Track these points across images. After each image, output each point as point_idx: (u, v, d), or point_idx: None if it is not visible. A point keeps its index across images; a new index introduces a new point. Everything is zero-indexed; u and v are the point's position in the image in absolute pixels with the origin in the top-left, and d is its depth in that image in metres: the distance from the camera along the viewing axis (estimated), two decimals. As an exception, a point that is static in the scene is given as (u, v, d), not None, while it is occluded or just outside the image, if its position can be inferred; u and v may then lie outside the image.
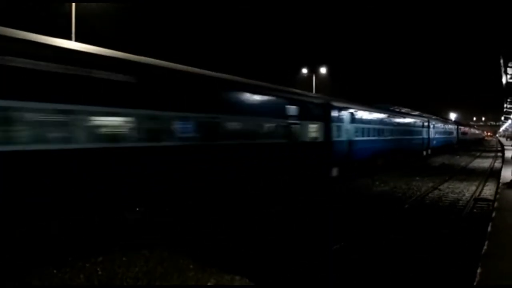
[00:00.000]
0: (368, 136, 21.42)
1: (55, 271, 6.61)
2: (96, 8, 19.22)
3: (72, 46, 8.18)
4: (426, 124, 36.85)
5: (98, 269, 6.83)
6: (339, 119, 17.97)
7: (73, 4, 18.12)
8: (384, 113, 25.00)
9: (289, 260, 7.48)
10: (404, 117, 30.17)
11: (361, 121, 20.53)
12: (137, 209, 8.55)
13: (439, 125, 44.32)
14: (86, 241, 7.47)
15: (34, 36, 7.25)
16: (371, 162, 21.57)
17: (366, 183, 17.74)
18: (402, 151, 27.52)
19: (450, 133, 52.04)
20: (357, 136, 19.67)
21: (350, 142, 18.75)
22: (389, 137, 25.04)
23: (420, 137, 34.52)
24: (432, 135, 38.88)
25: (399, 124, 27.72)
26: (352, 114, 19.24)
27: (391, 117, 26.36)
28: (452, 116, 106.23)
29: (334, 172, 16.54)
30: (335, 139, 17.26)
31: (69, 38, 17.64)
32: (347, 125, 18.63)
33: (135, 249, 7.65)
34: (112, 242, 7.74)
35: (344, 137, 18.28)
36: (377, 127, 22.76)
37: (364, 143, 20.44)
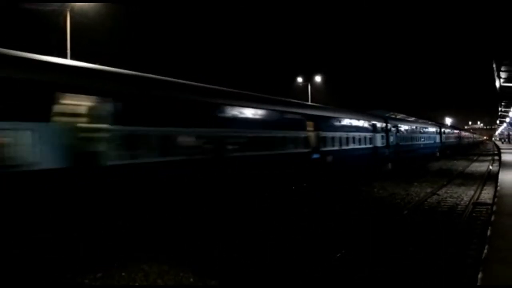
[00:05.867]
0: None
1: (53, 288, 6.54)
2: (90, 20, 19.34)
3: None
4: (380, 127, 24.05)
5: (98, 285, 6.78)
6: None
7: (68, 20, 18.24)
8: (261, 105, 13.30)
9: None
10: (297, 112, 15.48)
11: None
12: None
13: (407, 127, 30.94)
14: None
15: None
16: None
17: (365, 190, 17.70)
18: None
19: (428, 138, 38.85)
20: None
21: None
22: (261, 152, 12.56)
23: (366, 147, 21.55)
24: (393, 140, 26.23)
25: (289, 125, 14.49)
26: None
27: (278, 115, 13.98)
28: (448, 120, 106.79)
29: None
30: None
31: (64, 54, 17.72)
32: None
33: (134, 263, 7.59)
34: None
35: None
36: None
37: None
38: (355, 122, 20.73)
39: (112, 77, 9.06)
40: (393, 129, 26.41)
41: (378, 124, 23.73)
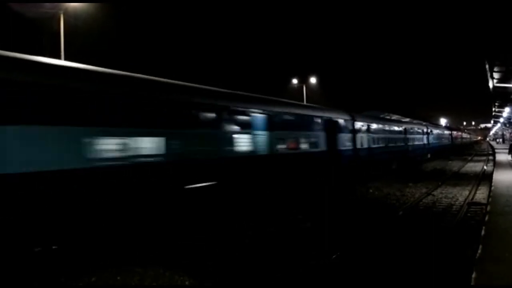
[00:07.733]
0: None
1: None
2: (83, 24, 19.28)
3: None
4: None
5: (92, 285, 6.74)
6: None
7: (62, 23, 18.17)
8: None
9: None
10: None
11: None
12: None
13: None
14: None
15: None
16: None
17: (360, 190, 17.74)
18: None
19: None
20: None
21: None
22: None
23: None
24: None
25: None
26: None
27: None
28: (443, 121, 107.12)
29: None
30: None
31: (58, 56, 17.64)
32: None
33: (129, 267, 7.55)
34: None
35: None
36: None
37: None
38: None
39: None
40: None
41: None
